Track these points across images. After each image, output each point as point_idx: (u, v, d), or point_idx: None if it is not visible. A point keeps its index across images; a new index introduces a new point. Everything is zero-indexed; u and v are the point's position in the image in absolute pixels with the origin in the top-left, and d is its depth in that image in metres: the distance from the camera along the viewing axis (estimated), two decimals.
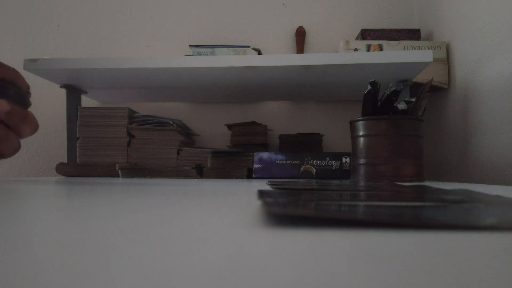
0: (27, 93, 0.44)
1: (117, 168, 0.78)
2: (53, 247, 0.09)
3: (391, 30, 0.92)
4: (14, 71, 0.46)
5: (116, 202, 0.20)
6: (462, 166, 0.81)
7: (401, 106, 0.62)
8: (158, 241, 0.10)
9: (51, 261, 0.08)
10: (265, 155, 0.78)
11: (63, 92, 0.98)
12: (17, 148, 0.40)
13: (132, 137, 0.87)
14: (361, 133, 0.63)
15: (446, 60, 0.87)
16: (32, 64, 0.78)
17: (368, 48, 0.88)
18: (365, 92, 0.62)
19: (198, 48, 0.92)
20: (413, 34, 0.92)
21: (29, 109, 0.42)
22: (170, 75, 0.81)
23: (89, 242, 0.10)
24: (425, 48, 0.87)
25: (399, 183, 0.52)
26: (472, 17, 0.77)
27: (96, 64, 0.77)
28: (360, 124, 0.64)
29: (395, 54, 0.73)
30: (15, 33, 1.15)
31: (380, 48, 0.88)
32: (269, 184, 0.38)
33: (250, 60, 0.75)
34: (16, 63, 1.13)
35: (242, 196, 0.25)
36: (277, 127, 1.10)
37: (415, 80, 0.85)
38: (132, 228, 0.12)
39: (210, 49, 0.92)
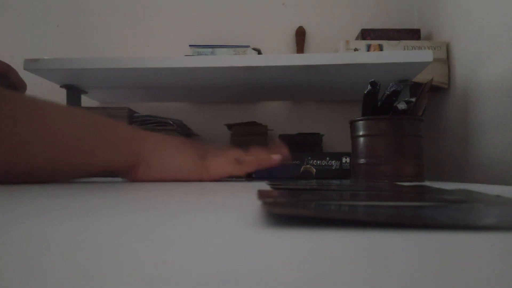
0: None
1: None
2: (53, 247, 0.09)
3: (391, 30, 0.92)
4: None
5: (116, 202, 0.20)
6: (462, 166, 0.81)
7: (401, 106, 0.62)
8: (157, 241, 0.10)
9: (51, 261, 0.08)
10: None
11: (63, 92, 0.98)
12: None
13: None
14: (361, 133, 0.63)
15: (446, 60, 0.87)
16: (32, 64, 0.78)
17: (368, 48, 0.88)
18: (365, 92, 0.62)
19: (198, 48, 0.92)
20: (413, 34, 0.92)
21: None
22: (170, 75, 0.81)
23: (89, 242, 0.10)
24: (425, 48, 0.87)
25: (399, 183, 0.52)
26: (472, 17, 0.77)
27: (96, 64, 0.77)
28: (360, 124, 0.64)
29: (395, 54, 0.73)
30: (15, 33, 1.15)
31: (380, 48, 0.88)
32: (269, 184, 0.38)
33: (250, 60, 0.75)
34: (16, 63, 1.13)
35: (242, 196, 0.25)
36: (277, 127, 1.10)
37: (415, 80, 0.85)
38: (132, 228, 0.12)
39: (210, 49, 0.92)
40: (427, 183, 0.54)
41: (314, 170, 0.76)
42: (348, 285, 0.06)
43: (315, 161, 0.76)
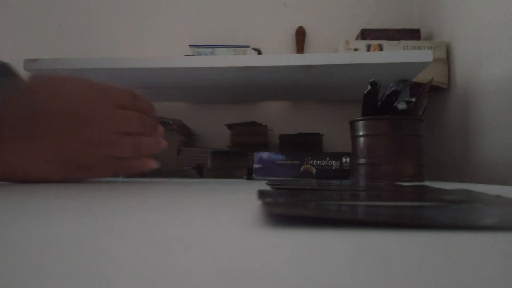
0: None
1: None
2: (52, 247, 0.09)
3: (391, 30, 0.92)
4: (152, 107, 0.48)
5: (116, 202, 0.20)
6: (462, 166, 0.81)
7: (401, 106, 0.62)
8: (158, 241, 0.10)
9: (51, 261, 0.08)
10: (265, 155, 0.78)
11: None
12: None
13: None
14: (361, 133, 0.63)
15: (446, 60, 0.87)
16: (32, 64, 0.78)
17: (368, 48, 0.88)
18: (365, 92, 0.62)
19: (198, 48, 0.92)
20: (413, 34, 0.92)
21: None
22: (170, 75, 0.81)
23: (89, 242, 0.10)
24: (425, 48, 0.87)
25: (399, 183, 0.52)
26: (472, 17, 0.77)
27: (96, 64, 0.77)
28: (360, 124, 0.64)
29: (395, 54, 0.73)
30: (15, 33, 1.15)
31: (380, 48, 0.88)
32: (269, 184, 0.38)
33: (250, 60, 0.75)
34: (16, 63, 1.13)
35: (242, 196, 0.25)
36: (277, 127, 1.10)
37: (415, 80, 0.85)
38: (132, 228, 0.12)
39: (210, 49, 0.92)
40: (427, 183, 0.54)
41: (314, 170, 0.76)
42: (348, 285, 0.06)
43: (315, 161, 0.76)
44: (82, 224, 0.12)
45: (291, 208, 0.14)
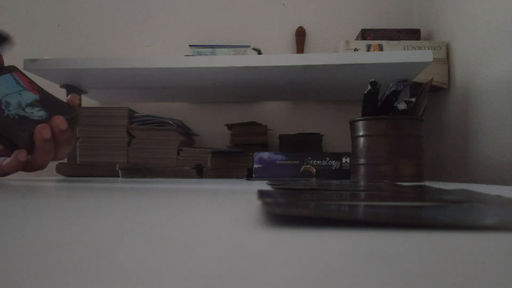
0: (78, 116, 0.46)
1: (117, 168, 0.78)
2: (53, 247, 0.09)
3: (391, 30, 0.92)
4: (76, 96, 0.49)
5: (116, 202, 0.20)
6: (462, 166, 0.81)
7: (401, 106, 0.62)
8: (158, 241, 0.10)
9: (50, 261, 0.08)
10: (265, 155, 0.78)
11: (63, 92, 0.98)
12: (45, 165, 0.43)
13: (132, 137, 0.87)
14: (361, 133, 0.63)
15: (446, 60, 0.87)
16: (32, 64, 0.78)
17: (368, 48, 0.88)
18: (365, 92, 0.62)
19: (198, 48, 0.92)
20: (413, 34, 0.92)
21: None
22: (170, 75, 0.81)
23: (89, 242, 0.10)
24: (425, 48, 0.87)
25: (399, 183, 0.52)
26: (472, 17, 0.77)
27: (96, 64, 0.77)
28: (360, 124, 0.64)
29: (395, 54, 0.73)
30: (15, 33, 1.15)
31: (380, 48, 0.88)
32: (269, 184, 0.38)
33: (250, 60, 0.75)
34: (16, 63, 1.13)
35: (242, 196, 0.25)
36: (277, 127, 1.10)
37: (415, 80, 0.85)
38: (132, 228, 0.12)
39: (210, 49, 0.92)
40: (427, 183, 0.54)
41: (314, 170, 0.76)
42: (348, 285, 0.06)
43: (315, 161, 0.76)
44: (82, 225, 0.12)
45: (291, 208, 0.14)
